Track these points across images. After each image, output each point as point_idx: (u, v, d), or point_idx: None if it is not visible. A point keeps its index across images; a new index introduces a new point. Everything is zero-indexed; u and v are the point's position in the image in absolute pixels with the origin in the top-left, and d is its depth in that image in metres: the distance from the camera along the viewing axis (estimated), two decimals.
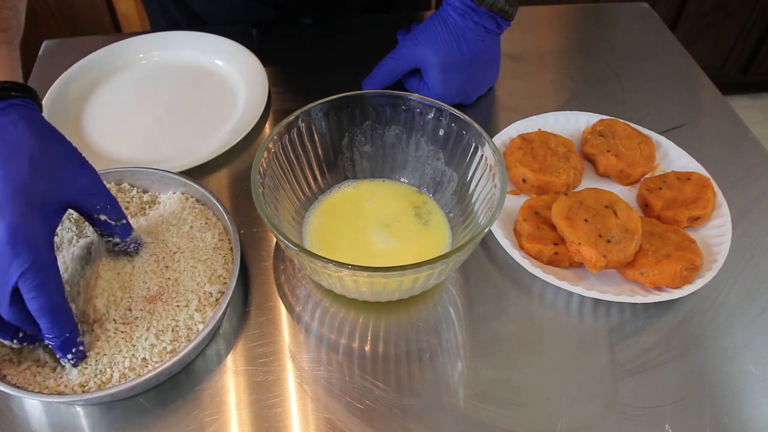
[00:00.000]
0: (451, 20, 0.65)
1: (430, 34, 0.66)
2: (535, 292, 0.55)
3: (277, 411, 0.47)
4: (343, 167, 0.61)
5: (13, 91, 0.45)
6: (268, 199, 0.51)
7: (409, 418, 0.47)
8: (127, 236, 0.49)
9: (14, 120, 0.43)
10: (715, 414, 0.47)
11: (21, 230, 0.40)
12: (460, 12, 0.65)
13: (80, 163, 0.46)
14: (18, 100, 0.45)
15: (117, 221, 0.47)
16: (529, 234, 0.55)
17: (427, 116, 0.57)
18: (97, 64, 0.77)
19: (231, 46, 0.79)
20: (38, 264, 0.40)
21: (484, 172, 0.54)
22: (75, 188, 0.44)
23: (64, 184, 0.44)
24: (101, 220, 0.46)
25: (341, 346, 0.51)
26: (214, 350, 0.50)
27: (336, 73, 0.78)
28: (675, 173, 0.61)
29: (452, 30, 0.65)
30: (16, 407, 0.47)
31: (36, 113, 0.46)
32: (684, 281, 0.52)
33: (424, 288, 0.51)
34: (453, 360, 0.50)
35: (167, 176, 0.57)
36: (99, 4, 1.59)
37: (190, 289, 0.50)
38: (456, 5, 0.64)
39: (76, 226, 0.54)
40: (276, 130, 0.53)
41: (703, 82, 0.78)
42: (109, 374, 0.45)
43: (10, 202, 0.40)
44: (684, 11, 1.84)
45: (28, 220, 0.40)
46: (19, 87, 0.46)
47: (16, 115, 0.44)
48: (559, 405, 0.47)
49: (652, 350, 0.51)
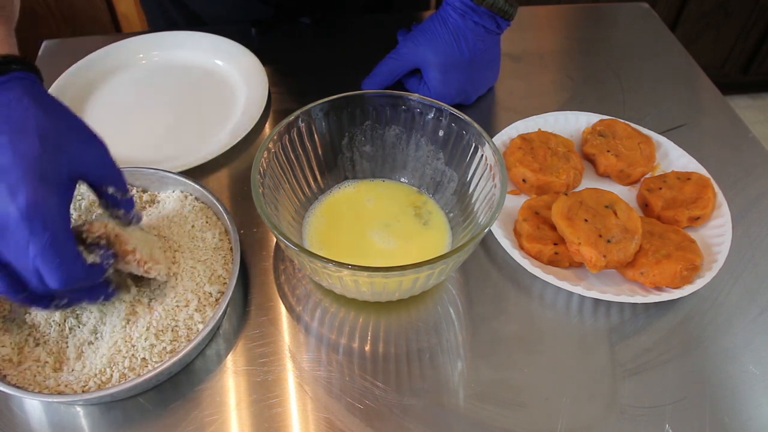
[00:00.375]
0: (451, 20, 0.65)
1: (430, 34, 0.66)
2: (535, 292, 0.55)
3: (277, 411, 0.47)
4: (343, 167, 0.61)
5: (14, 65, 0.44)
6: (268, 199, 0.51)
7: (409, 418, 0.47)
8: (131, 209, 0.48)
9: (18, 95, 0.43)
10: (715, 414, 0.47)
11: (37, 207, 0.39)
12: (459, 12, 0.65)
13: (89, 135, 0.45)
14: (20, 73, 0.44)
15: (123, 195, 0.47)
16: (529, 234, 0.55)
17: (427, 116, 0.57)
18: (97, 64, 0.77)
19: (231, 46, 0.79)
20: (56, 240, 0.40)
21: (484, 172, 0.54)
22: (85, 162, 0.44)
23: (74, 158, 0.43)
24: (109, 193, 0.46)
25: (341, 346, 0.51)
26: (214, 350, 0.50)
27: (336, 73, 0.78)
28: (675, 173, 0.61)
29: (452, 30, 0.65)
30: (16, 407, 0.47)
31: (39, 87, 0.45)
32: (684, 281, 0.52)
33: (424, 288, 0.51)
34: (453, 360, 0.50)
35: (167, 176, 0.57)
36: (99, 4, 1.59)
37: (189, 289, 0.50)
38: (456, 5, 0.64)
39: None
40: (276, 130, 0.53)
41: (703, 82, 0.78)
42: (109, 374, 0.45)
43: (23, 180, 0.39)
44: (684, 11, 1.84)
45: (43, 197, 0.40)
46: (19, 60, 0.45)
47: (19, 89, 0.43)
48: (559, 405, 0.47)
49: (652, 350, 0.51)
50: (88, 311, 0.49)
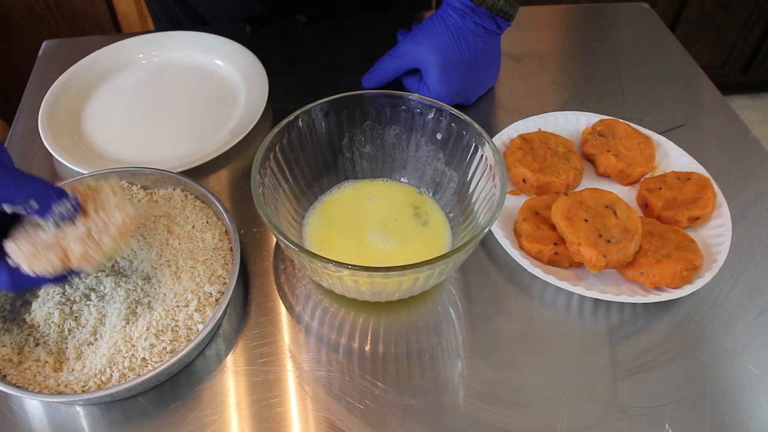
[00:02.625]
0: (451, 21, 0.65)
1: (430, 34, 0.66)
2: (535, 292, 0.55)
3: (277, 411, 0.47)
4: (343, 167, 0.61)
5: None
6: (268, 199, 0.51)
7: (409, 418, 0.47)
8: (48, 212, 0.42)
9: None
10: (715, 414, 0.47)
11: None
12: (460, 13, 0.64)
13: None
14: None
15: (36, 207, 0.42)
16: (529, 234, 0.55)
17: (427, 116, 0.57)
18: (97, 64, 0.77)
19: (231, 46, 0.79)
20: None
21: (484, 172, 0.54)
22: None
23: None
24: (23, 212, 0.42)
25: (341, 346, 0.51)
26: (214, 350, 0.50)
27: (336, 73, 0.78)
28: (675, 173, 0.61)
29: (452, 30, 0.65)
30: (16, 407, 0.47)
31: None
32: (684, 281, 0.52)
33: (424, 288, 0.51)
34: (453, 360, 0.50)
35: (167, 176, 0.57)
36: (99, 4, 1.59)
37: (189, 289, 0.50)
38: (456, 6, 0.64)
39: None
40: (276, 130, 0.53)
41: (703, 82, 0.78)
42: (108, 374, 0.45)
43: None
44: (684, 11, 1.84)
45: None
46: None
47: None
48: (559, 405, 0.47)
49: (652, 350, 0.51)
50: (87, 311, 0.49)
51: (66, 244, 0.43)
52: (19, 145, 0.69)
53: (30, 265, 0.42)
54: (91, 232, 0.43)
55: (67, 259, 0.43)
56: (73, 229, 0.43)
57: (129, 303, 0.49)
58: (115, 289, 0.50)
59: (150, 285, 0.51)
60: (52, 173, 0.65)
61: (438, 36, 0.66)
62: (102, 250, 0.43)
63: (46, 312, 0.49)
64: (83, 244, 0.43)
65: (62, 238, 0.43)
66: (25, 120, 0.72)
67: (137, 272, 0.52)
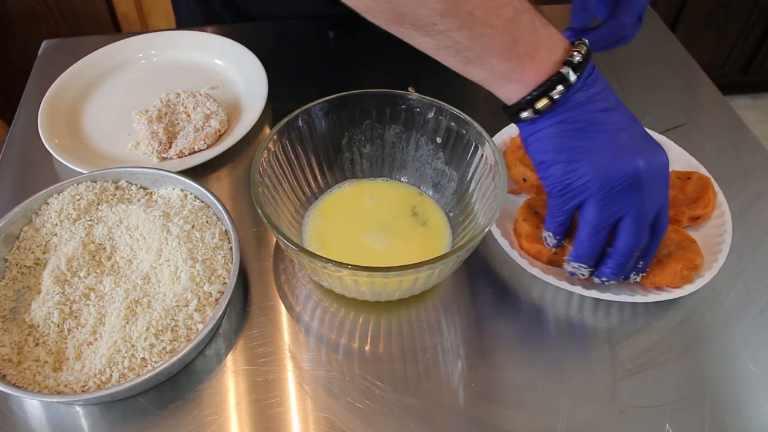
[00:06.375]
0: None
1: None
2: (535, 292, 0.55)
3: (277, 411, 0.47)
4: (343, 167, 0.61)
5: None
6: (268, 199, 0.51)
7: (409, 418, 0.47)
8: None
9: None
10: (715, 414, 0.47)
11: None
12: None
13: None
14: None
15: None
16: (528, 234, 0.55)
17: (427, 115, 0.57)
18: (97, 64, 0.77)
19: (231, 46, 0.79)
20: None
21: (484, 171, 0.54)
22: None
23: None
24: None
25: (341, 346, 0.51)
26: (214, 350, 0.50)
27: (336, 73, 0.78)
28: (675, 173, 0.61)
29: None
30: (16, 407, 0.47)
31: None
32: (684, 281, 0.52)
33: (424, 288, 0.51)
34: (453, 360, 0.50)
35: (167, 176, 0.57)
36: (99, 4, 1.59)
37: (189, 289, 0.50)
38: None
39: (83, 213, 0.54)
40: (276, 130, 0.53)
41: (703, 82, 0.78)
42: (108, 374, 0.45)
43: None
44: (684, 11, 1.84)
45: None
46: None
47: None
48: (559, 405, 0.47)
49: (652, 350, 0.51)
50: (87, 311, 0.49)
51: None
52: (19, 144, 0.69)
53: None
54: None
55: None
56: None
57: (129, 303, 0.49)
58: (115, 288, 0.50)
59: (149, 285, 0.51)
60: (52, 173, 0.65)
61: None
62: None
63: (45, 312, 0.49)
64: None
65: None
66: (24, 120, 0.72)
67: (137, 272, 0.52)
